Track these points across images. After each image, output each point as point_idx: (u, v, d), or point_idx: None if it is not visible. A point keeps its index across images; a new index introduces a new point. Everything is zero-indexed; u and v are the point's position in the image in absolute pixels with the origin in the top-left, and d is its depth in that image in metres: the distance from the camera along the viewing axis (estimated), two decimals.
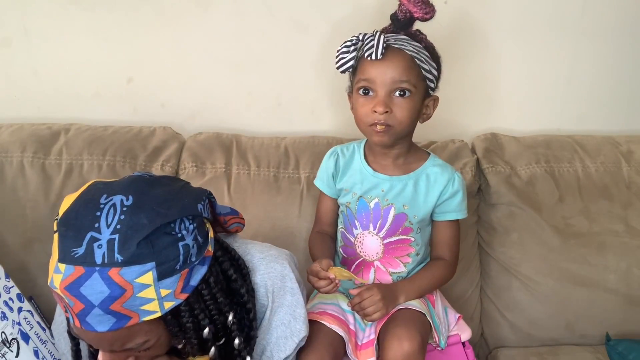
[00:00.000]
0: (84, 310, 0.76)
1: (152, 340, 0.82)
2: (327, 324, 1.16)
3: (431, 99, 1.17)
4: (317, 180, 1.30)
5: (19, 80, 1.53)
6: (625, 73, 1.62)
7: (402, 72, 1.10)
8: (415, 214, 1.19)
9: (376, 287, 1.14)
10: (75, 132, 1.44)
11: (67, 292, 0.76)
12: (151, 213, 0.78)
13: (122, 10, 1.48)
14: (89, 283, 0.75)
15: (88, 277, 0.75)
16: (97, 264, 0.75)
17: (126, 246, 0.76)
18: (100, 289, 0.75)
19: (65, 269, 0.76)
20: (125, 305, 0.76)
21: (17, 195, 1.36)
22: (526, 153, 1.52)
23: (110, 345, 0.80)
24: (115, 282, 0.75)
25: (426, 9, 1.11)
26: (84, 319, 0.77)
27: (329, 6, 1.50)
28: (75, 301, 0.76)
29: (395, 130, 1.13)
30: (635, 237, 1.45)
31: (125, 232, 0.76)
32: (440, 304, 1.27)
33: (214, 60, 1.53)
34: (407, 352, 1.07)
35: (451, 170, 1.22)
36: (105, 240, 0.76)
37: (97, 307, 0.76)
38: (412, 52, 1.11)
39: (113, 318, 0.77)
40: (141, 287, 0.77)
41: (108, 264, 0.75)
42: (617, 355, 1.35)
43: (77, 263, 0.76)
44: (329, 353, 1.13)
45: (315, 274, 1.11)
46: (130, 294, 0.76)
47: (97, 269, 0.75)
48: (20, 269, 1.32)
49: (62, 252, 0.77)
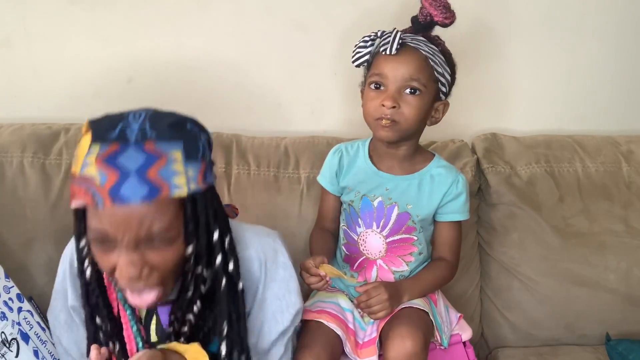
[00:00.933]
0: (119, 181, 0.79)
1: (172, 232, 0.84)
2: (324, 322, 1.16)
3: (441, 103, 1.17)
4: (320, 177, 1.30)
5: (19, 80, 1.53)
6: (625, 73, 1.62)
7: (414, 70, 1.10)
8: (419, 213, 1.20)
9: (383, 285, 1.14)
10: (75, 132, 1.44)
11: (104, 164, 0.80)
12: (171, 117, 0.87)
13: (122, 10, 1.48)
14: (126, 154, 0.80)
15: (125, 150, 0.80)
16: (132, 141, 0.81)
17: (157, 126, 0.83)
18: (137, 156, 0.80)
19: (101, 146, 0.81)
20: (159, 172, 0.81)
21: (17, 195, 1.36)
22: (526, 153, 1.52)
23: (138, 225, 0.81)
24: (151, 152, 0.81)
25: (446, 14, 1.12)
26: (117, 192, 0.79)
27: (329, 6, 1.50)
28: (110, 173, 0.79)
29: (401, 127, 1.13)
30: (635, 237, 1.45)
31: (153, 119, 0.84)
32: (442, 303, 1.27)
33: (214, 60, 1.53)
34: (410, 351, 1.07)
35: (456, 172, 1.22)
36: (137, 126, 0.82)
37: (134, 172, 0.79)
38: (427, 52, 1.12)
39: (146, 187, 0.80)
40: (173, 160, 0.82)
41: (142, 139, 0.81)
42: (617, 355, 1.35)
43: (113, 141, 0.81)
44: (326, 352, 1.13)
45: (306, 270, 1.12)
46: (164, 162, 0.81)
47: (132, 144, 0.81)
48: (20, 269, 1.32)
49: (96, 135, 0.82)
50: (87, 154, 0.82)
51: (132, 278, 0.84)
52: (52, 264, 1.33)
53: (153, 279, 0.86)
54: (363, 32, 1.18)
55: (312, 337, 1.15)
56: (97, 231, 0.83)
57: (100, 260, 0.87)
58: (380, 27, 1.15)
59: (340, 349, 1.17)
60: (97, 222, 0.82)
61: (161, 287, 0.88)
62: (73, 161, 0.85)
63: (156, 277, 0.86)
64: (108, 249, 0.84)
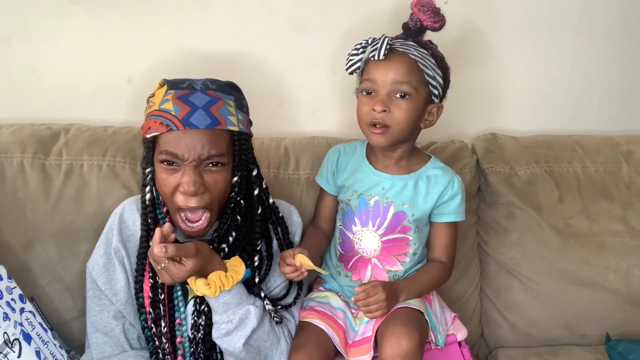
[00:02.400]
0: (190, 113, 1.05)
1: (224, 158, 1.09)
2: (312, 321, 1.18)
3: (435, 106, 1.18)
4: (318, 176, 1.32)
5: (19, 80, 1.53)
6: (625, 73, 1.62)
7: (403, 74, 1.12)
8: (414, 212, 1.21)
9: (381, 285, 1.14)
10: (75, 133, 1.44)
11: (178, 101, 1.06)
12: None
13: (122, 10, 1.48)
14: (195, 95, 1.07)
15: (193, 93, 1.08)
16: (198, 89, 1.09)
17: (216, 83, 1.12)
18: (203, 97, 1.07)
19: (175, 91, 1.08)
20: (219, 110, 1.07)
21: (17, 196, 1.36)
22: (526, 153, 1.52)
23: (201, 147, 1.05)
24: (213, 95, 1.09)
25: (435, 18, 1.14)
26: (188, 120, 1.05)
27: (329, 6, 1.50)
28: (183, 106, 1.06)
29: (393, 132, 1.14)
30: (635, 237, 1.45)
31: (212, 80, 1.13)
32: (437, 303, 1.28)
33: (214, 60, 1.53)
34: (405, 351, 1.08)
35: (452, 173, 1.24)
36: (200, 82, 1.11)
37: (200, 108, 1.06)
38: (416, 56, 1.13)
39: (209, 119, 1.06)
40: (228, 105, 1.10)
41: (206, 89, 1.09)
42: (617, 355, 1.35)
43: (184, 88, 1.08)
44: (320, 351, 1.15)
45: (283, 259, 1.14)
46: (222, 104, 1.09)
47: (199, 90, 1.08)
48: (21, 269, 1.32)
49: (170, 85, 1.09)
50: (164, 95, 1.07)
51: (191, 192, 1.05)
52: (53, 264, 1.34)
53: (205, 198, 1.08)
54: (363, 33, 1.19)
55: (305, 336, 1.18)
56: (169, 153, 1.06)
57: (164, 181, 1.08)
58: (380, 28, 1.16)
59: (333, 347, 1.18)
60: (169, 146, 1.05)
61: (208, 212, 1.09)
62: (147, 106, 1.12)
63: (207, 198, 1.08)
64: (173, 171, 1.07)
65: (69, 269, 1.33)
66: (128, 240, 1.17)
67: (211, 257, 1.08)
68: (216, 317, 1.10)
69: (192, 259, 1.04)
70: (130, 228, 1.18)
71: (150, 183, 1.13)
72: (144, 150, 1.12)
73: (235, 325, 1.09)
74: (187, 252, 1.03)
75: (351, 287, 1.25)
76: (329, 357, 1.18)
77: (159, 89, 1.11)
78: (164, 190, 1.10)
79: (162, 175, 1.09)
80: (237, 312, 1.09)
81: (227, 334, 1.09)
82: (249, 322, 1.09)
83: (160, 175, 1.09)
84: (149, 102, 1.12)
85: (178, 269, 1.04)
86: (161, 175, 1.09)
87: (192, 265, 1.04)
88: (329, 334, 1.18)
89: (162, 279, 1.07)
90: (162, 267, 1.04)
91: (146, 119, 1.11)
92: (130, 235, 1.17)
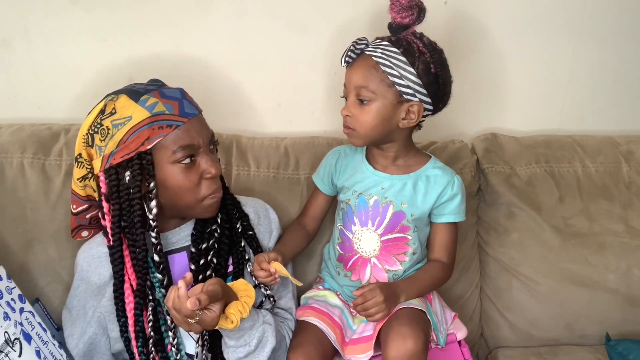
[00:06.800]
0: (180, 105, 1.07)
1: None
2: (308, 319, 1.19)
3: (412, 104, 1.14)
4: (315, 175, 1.33)
5: (19, 80, 1.53)
6: (625, 73, 1.62)
7: (361, 79, 1.14)
8: (413, 212, 1.21)
9: (379, 287, 1.14)
10: (75, 133, 1.44)
11: (164, 100, 1.07)
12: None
13: (122, 10, 1.48)
14: (168, 90, 1.10)
15: (163, 88, 1.10)
16: (159, 85, 1.12)
17: (158, 81, 1.16)
18: (173, 91, 1.11)
19: (147, 94, 1.07)
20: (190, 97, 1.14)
21: (17, 196, 1.36)
22: (526, 153, 1.52)
23: (207, 128, 1.11)
24: (173, 88, 1.12)
25: (403, 14, 1.13)
26: (184, 112, 1.07)
27: (329, 6, 1.50)
28: (172, 103, 1.07)
29: (359, 134, 1.17)
30: (635, 237, 1.45)
31: (152, 81, 1.16)
32: (437, 302, 1.28)
33: (214, 60, 1.53)
34: (411, 351, 1.07)
35: (451, 173, 1.24)
36: (151, 83, 1.13)
37: (183, 99, 1.09)
38: (379, 58, 1.12)
39: (194, 106, 1.11)
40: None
41: (163, 86, 1.13)
42: (617, 355, 1.35)
43: (155, 90, 1.09)
44: (318, 350, 1.16)
45: (258, 263, 1.14)
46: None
47: (161, 86, 1.12)
48: (21, 270, 1.32)
49: (130, 93, 1.08)
50: (139, 102, 1.05)
51: (218, 171, 1.09)
52: (53, 264, 1.34)
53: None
54: (362, 33, 1.19)
55: (303, 336, 1.18)
56: (185, 147, 1.05)
57: (185, 180, 1.06)
58: (380, 28, 1.16)
59: (332, 345, 1.18)
60: (182, 141, 1.05)
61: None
62: (111, 129, 1.05)
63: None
64: (192, 164, 1.07)
65: (69, 269, 1.33)
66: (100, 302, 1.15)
67: (225, 288, 1.03)
68: (231, 342, 1.08)
69: (220, 301, 0.98)
70: (94, 283, 1.16)
71: (154, 198, 1.06)
72: (136, 171, 1.04)
73: (255, 347, 1.08)
74: (216, 295, 0.97)
75: (350, 287, 1.25)
76: (327, 355, 1.18)
77: (113, 100, 1.07)
78: (182, 191, 1.07)
79: (180, 176, 1.06)
80: (253, 335, 1.08)
81: (247, 355, 1.08)
82: (268, 343, 1.09)
83: (177, 177, 1.06)
84: (114, 122, 1.05)
85: (210, 316, 0.97)
86: (179, 176, 1.06)
87: (220, 307, 0.98)
88: (324, 331, 1.18)
89: (193, 330, 0.99)
90: (196, 321, 0.96)
91: (132, 135, 1.03)
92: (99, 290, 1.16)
